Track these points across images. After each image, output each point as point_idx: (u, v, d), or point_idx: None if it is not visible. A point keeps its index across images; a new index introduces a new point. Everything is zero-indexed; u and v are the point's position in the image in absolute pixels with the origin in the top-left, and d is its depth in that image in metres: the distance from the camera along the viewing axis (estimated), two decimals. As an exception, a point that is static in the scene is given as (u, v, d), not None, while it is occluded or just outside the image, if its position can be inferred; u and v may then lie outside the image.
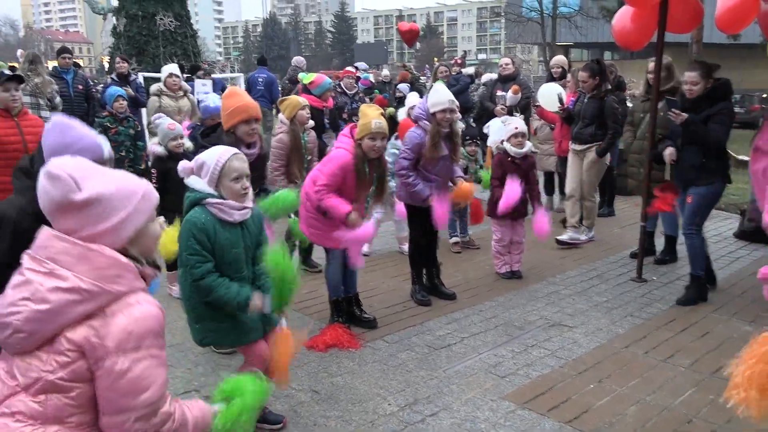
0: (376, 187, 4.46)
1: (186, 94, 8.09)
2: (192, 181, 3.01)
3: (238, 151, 3.03)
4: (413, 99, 6.47)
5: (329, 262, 4.62)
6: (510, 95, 8.08)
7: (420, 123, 4.89)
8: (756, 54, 21.01)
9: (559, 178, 8.34)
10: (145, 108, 9.65)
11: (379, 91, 11.97)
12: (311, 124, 5.71)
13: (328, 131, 7.10)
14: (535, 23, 30.01)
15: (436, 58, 45.77)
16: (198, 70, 11.70)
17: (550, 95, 7.08)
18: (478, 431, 3.36)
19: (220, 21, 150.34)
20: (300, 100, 5.52)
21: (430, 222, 4.97)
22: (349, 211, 4.16)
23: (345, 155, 4.25)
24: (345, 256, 4.53)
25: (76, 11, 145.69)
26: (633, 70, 22.13)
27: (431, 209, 4.82)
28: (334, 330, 4.46)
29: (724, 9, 4.67)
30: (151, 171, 5.10)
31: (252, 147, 4.06)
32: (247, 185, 2.99)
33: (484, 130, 7.00)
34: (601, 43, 34.96)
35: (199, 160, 2.98)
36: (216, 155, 2.94)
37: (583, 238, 6.91)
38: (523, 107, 8.24)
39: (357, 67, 12.64)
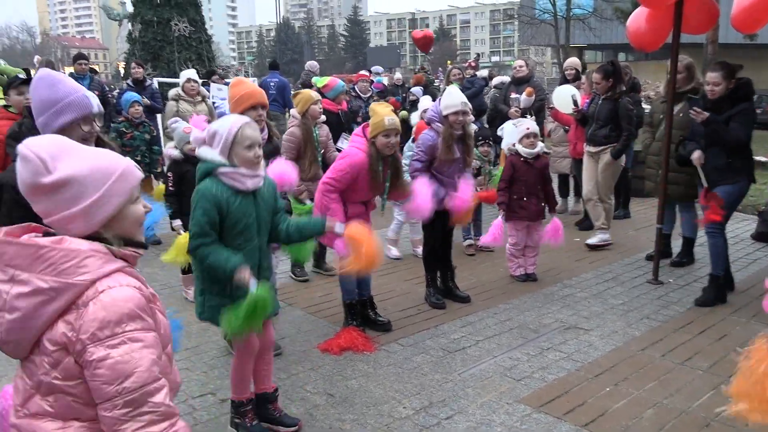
0: (390, 184, 4.46)
1: (204, 99, 8.17)
2: (203, 151, 3.04)
3: (250, 120, 3.07)
4: (426, 102, 6.48)
5: None
6: (524, 97, 8.05)
7: (433, 125, 4.89)
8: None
9: (574, 181, 8.32)
10: (160, 113, 9.76)
11: (392, 95, 11.99)
12: (323, 118, 5.74)
13: (345, 134, 7.11)
14: (549, 25, 29.94)
15: (449, 61, 45.75)
16: (213, 74, 11.78)
17: (565, 97, 7.05)
18: (493, 434, 3.35)
19: (234, 26, 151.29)
20: (312, 94, 5.55)
21: (444, 225, 4.97)
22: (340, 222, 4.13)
23: (358, 154, 4.27)
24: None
25: (92, 18, 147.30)
26: (648, 71, 21.97)
27: (446, 211, 4.81)
28: (348, 333, 4.47)
29: (740, 8, 4.63)
30: (168, 174, 5.14)
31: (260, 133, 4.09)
32: (260, 153, 3.03)
33: (498, 132, 6.99)
34: (615, 45, 34.76)
35: (211, 129, 3.02)
36: (229, 123, 2.98)
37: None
38: (537, 109, 8.21)
39: (371, 71, 12.67)
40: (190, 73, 8.34)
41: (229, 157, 2.98)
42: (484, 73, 11.41)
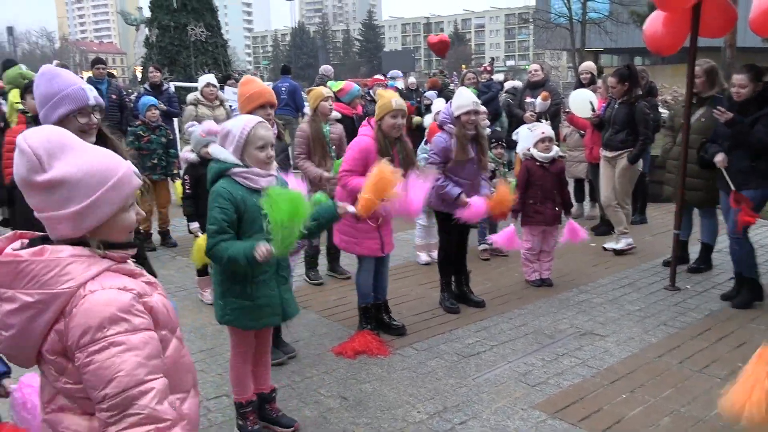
0: (402, 167, 4.44)
1: (222, 104, 8.23)
2: (215, 150, 3.07)
3: (263, 120, 3.10)
4: (439, 104, 6.48)
5: (360, 270, 4.62)
6: (539, 101, 8.03)
7: (445, 127, 4.91)
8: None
9: (590, 185, 8.27)
10: (177, 118, 9.84)
11: (407, 99, 12.00)
12: (336, 115, 5.80)
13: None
14: (564, 29, 29.80)
15: (463, 65, 45.67)
16: (229, 79, 11.86)
17: (582, 101, 7.00)
18: (508, 440, 3.34)
19: (250, 31, 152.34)
20: (323, 91, 5.57)
21: (460, 229, 4.96)
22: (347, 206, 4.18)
23: (365, 139, 4.34)
24: (377, 264, 4.56)
25: (110, 23, 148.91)
26: (665, 75, 21.81)
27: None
28: (363, 337, 4.47)
29: (758, 12, 4.58)
30: (184, 177, 5.18)
31: None
32: (272, 154, 3.06)
33: (513, 137, 6.97)
34: (632, 49, 34.56)
35: (225, 128, 3.05)
36: (242, 123, 3.00)
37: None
38: (552, 114, 8.18)
39: (386, 75, 12.68)
40: (209, 77, 8.42)
41: (242, 157, 3.01)
42: (500, 77, 11.40)
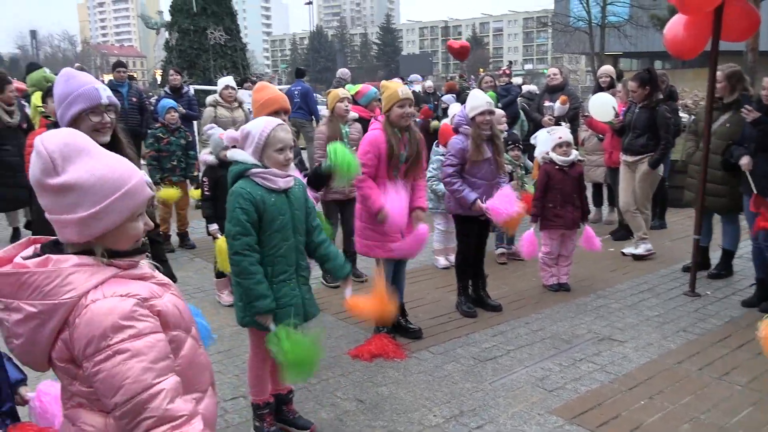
0: (413, 159, 4.47)
1: (240, 105, 8.31)
2: (234, 153, 3.11)
3: (282, 122, 3.13)
4: (456, 108, 6.48)
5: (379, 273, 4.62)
6: (558, 105, 7.99)
7: (461, 129, 4.94)
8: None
9: (608, 189, 8.21)
10: (196, 120, 9.93)
11: (424, 102, 12.01)
12: (353, 116, 5.89)
13: None
14: (583, 33, 29.62)
15: (481, 69, 45.58)
16: (246, 82, 11.96)
17: (603, 105, 6.93)
18: (524, 445, 3.32)
19: (268, 34, 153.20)
20: (339, 92, 5.71)
21: (478, 233, 4.95)
22: (382, 207, 4.24)
23: (374, 132, 4.40)
24: (395, 268, 4.56)
25: (131, 27, 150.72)
26: (685, 79, 21.59)
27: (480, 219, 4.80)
28: (379, 340, 4.47)
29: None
30: (203, 180, 5.23)
31: None
32: (290, 156, 3.09)
33: (531, 140, 6.94)
34: (651, 53, 34.24)
35: (245, 130, 3.08)
36: (261, 126, 3.04)
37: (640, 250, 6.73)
38: (571, 117, 8.14)
39: (403, 78, 12.71)
40: (227, 80, 8.52)
41: (261, 159, 3.04)
42: (518, 80, 11.38)
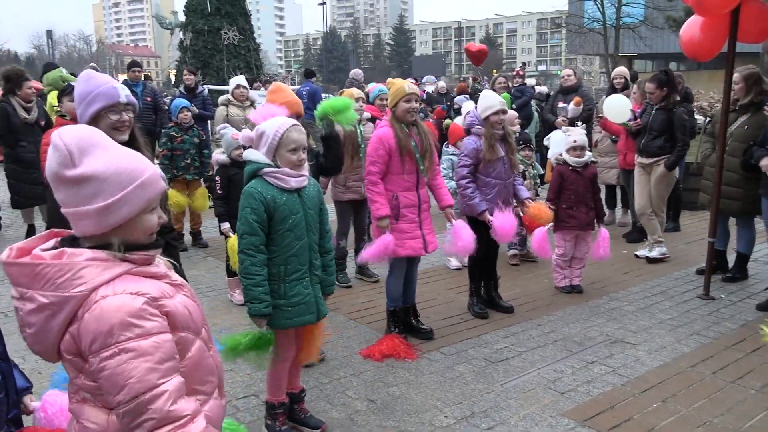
0: (424, 157, 4.47)
1: (252, 104, 8.34)
2: (249, 153, 3.14)
3: (296, 123, 3.14)
4: (469, 106, 6.48)
5: (391, 273, 4.63)
6: (572, 107, 7.95)
7: (473, 130, 4.94)
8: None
9: (622, 191, 8.16)
10: (210, 120, 9.98)
11: (437, 103, 12.01)
12: (367, 115, 6.01)
13: None
14: (598, 34, 29.50)
15: (494, 70, 45.48)
16: (255, 82, 12.02)
17: (618, 106, 6.88)
18: (536, 447, 3.31)
19: (282, 34, 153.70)
20: (353, 92, 5.79)
21: (491, 235, 4.94)
22: (384, 215, 4.30)
23: (382, 129, 4.43)
24: (408, 268, 4.56)
25: (145, 27, 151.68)
26: (700, 81, 21.43)
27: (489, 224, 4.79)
28: (390, 340, 4.47)
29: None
30: (216, 179, 5.25)
31: None
32: (303, 157, 3.11)
33: (545, 142, 6.92)
34: (666, 54, 34.03)
35: (259, 130, 3.11)
36: (276, 126, 3.05)
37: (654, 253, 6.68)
38: (585, 119, 8.10)
39: (416, 79, 12.72)
40: (239, 79, 8.59)
41: (274, 158, 3.06)
42: (532, 81, 11.35)
